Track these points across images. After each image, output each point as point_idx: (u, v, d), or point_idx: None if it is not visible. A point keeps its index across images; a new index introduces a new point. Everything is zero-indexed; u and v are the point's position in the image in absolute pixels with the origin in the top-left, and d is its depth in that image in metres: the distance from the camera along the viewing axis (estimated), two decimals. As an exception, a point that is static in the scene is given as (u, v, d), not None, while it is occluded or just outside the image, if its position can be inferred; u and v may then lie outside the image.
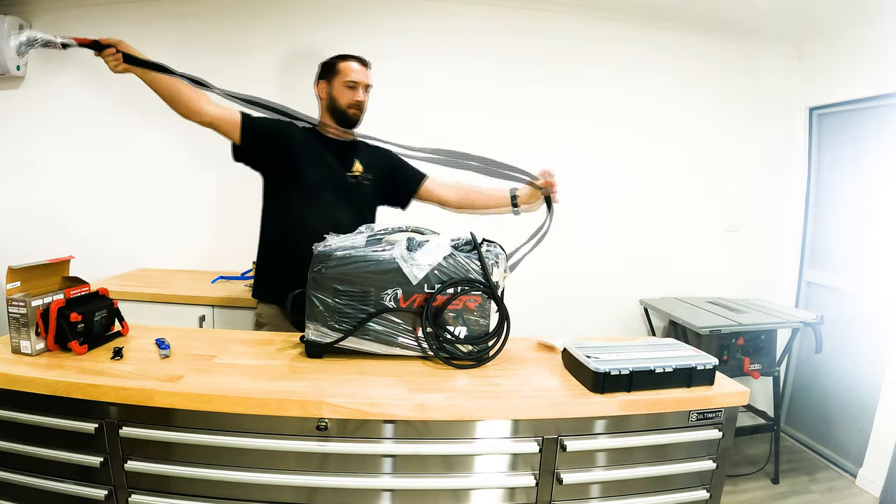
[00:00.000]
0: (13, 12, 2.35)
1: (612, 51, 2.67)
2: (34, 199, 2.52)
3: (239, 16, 2.46)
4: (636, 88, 2.71)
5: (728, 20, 2.62)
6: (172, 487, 1.07)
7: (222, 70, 2.48)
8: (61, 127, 2.48)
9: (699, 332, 2.23)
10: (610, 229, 2.77)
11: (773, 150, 2.88)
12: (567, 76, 2.66)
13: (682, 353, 1.22)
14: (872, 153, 2.56)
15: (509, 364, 1.28)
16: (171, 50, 2.45)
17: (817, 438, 2.77)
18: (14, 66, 2.35)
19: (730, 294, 2.81)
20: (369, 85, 1.74)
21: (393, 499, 1.09)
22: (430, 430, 1.07)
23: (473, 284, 1.23)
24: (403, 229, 1.37)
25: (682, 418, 1.14)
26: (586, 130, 2.70)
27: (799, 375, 2.92)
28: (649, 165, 2.77)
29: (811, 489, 2.41)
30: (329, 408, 1.02)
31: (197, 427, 1.04)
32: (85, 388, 1.05)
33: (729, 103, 2.81)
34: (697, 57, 2.75)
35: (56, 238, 2.50)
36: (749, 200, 2.89)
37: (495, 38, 2.59)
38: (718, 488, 1.19)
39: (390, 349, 1.25)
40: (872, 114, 2.55)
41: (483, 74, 2.58)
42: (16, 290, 1.19)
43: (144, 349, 1.26)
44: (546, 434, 1.09)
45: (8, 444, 1.09)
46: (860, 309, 2.59)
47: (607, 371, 1.10)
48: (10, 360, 1.15)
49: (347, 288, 1.22)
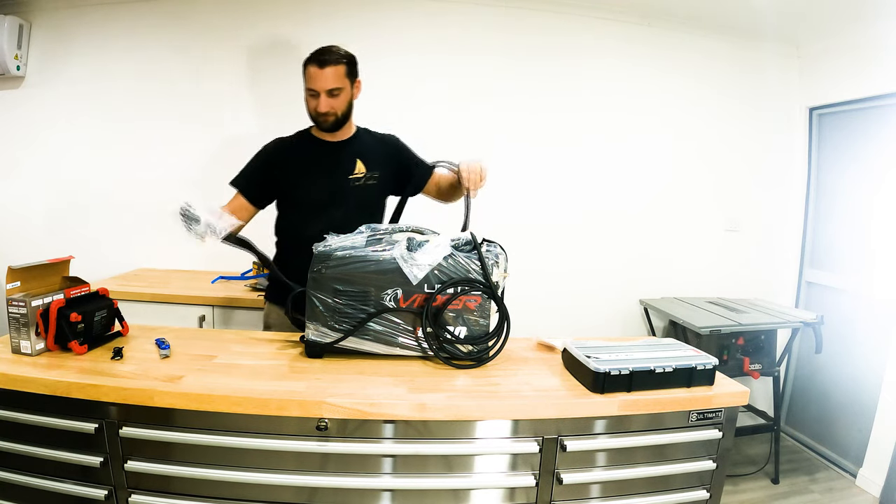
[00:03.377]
0: (13, 12, 2.35)
1: (612, 50, 2.67)
2: (34, 199, 2.52)
3: (239, 16, 2.46)
4: (636, 89, 2.71)
5: (728, 20, 2.62)
6: (172, 487, 1.07)
7: (222, 70, 2.49)
8: (61, 127, 2.48)
9: (699, 332, 2.23)
10: (610, 229, 2.77)
11: (773, 150, 2.88)
12: (566, 77, 2.66)
13: (682, 353, 1.22)
14: (872, 153, 2.56)
15: (509, 364, 1.28)
16: (171, 50, 2.47)
17: (817, 438, 2.77)
18: (14, 66, 2.35)
19: (730, 294, 2.81)
20: (336, 88, 1.54)
21: (393, 499, 1.09)
22: (430, 430, 1.07)
23: (473, 284, 1.23)
24: (403, 229, 1.37)
25: (682, 418, 1.14)
26: (586, 131, 2.70)
27: (799, 375, 2.92)
28: (649, 165, 2.77)
29: (811, 489, 2.41)
30: (329, 408, 1.02)
31: (197, 427, 1.04)
32: (85, 388, 1.05)
33: (729, 103, 2.81)
34: (697, 57, 2.75)
35: (56, 238, 2.50)
36: (749, 200, 2.89)
37: (495, 39, 2.59)
38: (718, 488, 1.19)
39: (390, 349, 1.25)
40: (872, 114, 2.55)
41: (483, 71, 2.58)
42: (16, 290, 1.19)
43: (144, 349, 1.26)
44: (546, 434, 1.09)
45: (8, 444, 1.10)
46: (860, 309, 2.58)
47: (607, 371, 1.10)
48: (10, 360, 1.15)
49: (347, 288, 1.22)
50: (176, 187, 2.53)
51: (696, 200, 2.84)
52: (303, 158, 1.63)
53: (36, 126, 2.48)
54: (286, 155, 1.64)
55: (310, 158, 1.63)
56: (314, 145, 1.65)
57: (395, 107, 2.46)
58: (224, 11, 2.46)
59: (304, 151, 1.64)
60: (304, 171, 1.62)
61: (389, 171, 1.68)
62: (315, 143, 1.65)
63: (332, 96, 1.54)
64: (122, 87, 2.47)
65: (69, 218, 2.52)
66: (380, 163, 1.67)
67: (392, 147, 1.72)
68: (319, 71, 1.52)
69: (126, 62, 2.45)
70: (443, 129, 2.55)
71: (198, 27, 2.46)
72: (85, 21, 2.42)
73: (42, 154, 2.50)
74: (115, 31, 2.44)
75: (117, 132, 2.49)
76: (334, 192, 1.61)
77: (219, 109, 2.50)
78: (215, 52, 2.47)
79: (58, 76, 2.45)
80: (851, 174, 2.68)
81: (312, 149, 1.65)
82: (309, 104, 1.58)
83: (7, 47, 2.29)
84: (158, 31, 2.44)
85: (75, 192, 2.51)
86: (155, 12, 2.43)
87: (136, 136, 2.49)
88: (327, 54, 1.54)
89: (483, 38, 2.57)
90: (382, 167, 1.67)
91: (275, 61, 2.49)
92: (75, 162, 2.50)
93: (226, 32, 2.47)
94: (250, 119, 2.51)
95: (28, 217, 2.52)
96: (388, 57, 2.50)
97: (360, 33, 2.50)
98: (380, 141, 1.70)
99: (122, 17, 2.43)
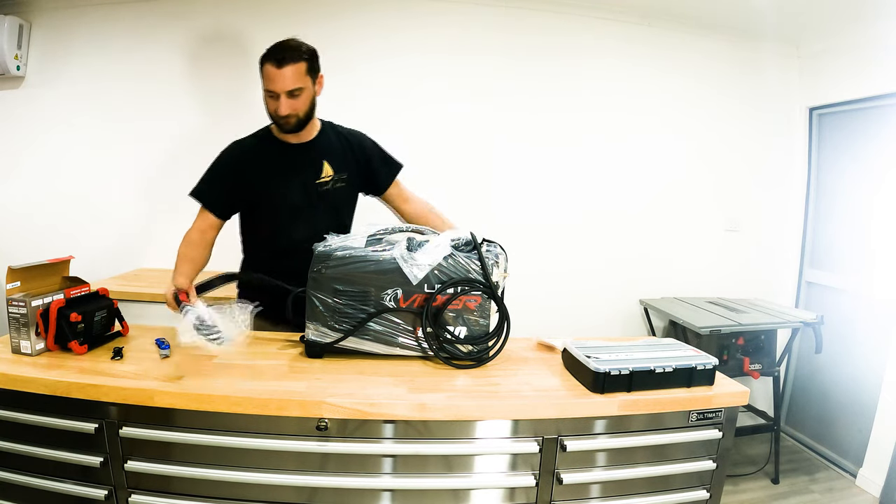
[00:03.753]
0: (13, 12, 2.35)
1: (612, 50, 2.67)
2: (34, 199, 2.52)
3: (238, 16, 2.46)
4: (636, 89, 2.71)
5: (728, 20, 2.62)
6: (172, 487, 1.07)
7: (222, 69, 2.49)
8: (61, 127, 2.48)
9: (699, 332, 2.23)
10: (610, 229, 2.77)
11: (773, 150, 2.88)
12: (566, 77, 2.66)
13: (682, 353, 1.22)
14: (872, 153, 2.56)
15: (509, 364, 1.28)
16: (171, 50, 2.46)
17: (817, 438, 2.77)
18: (14, 66, 2.35)
19: (730, 294, 2.81)
20: (297, 88, 1.43)
21: (393, 499, 1.09)
22: (430, 430, 1.07)
23: (473, 284, 1.23)
24: (403, 229, 1.37)
25: (682, 418, 1.14)
26: (585, 131, 2.70)
27: (799, 375, 2.92)
28: (649, 165, 2.77)
29: (811, 489, 2.41)
30: (329, 408, 1.02)
31: (197, 427, 1.04)
32: (85, 388, 1.05)
33: (729, 103, 2.81)
34: (697, 57, 2.75)
35: (56, 238, 2.50)
36: (749, 200, 2.89)
37: (494, 38, 2.58)
38: (718, 488, 1.19)
39: (390, 349, 1.25)
40: (872, 114, 2.55)
41: (483, 71, 2.58)
42: (16, 290, 1.19)
43: (144, 349, 1.26)
44: (546, 434, 1.09)
45: (8, 444, 1.10)
46: (860, 309, 2.58)
47: (607, 371, 1.10)
48: (10, 360, 1.15)
49: (347, 288, 1.22)
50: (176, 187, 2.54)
51: (696, 200, 2.84)
52: (266, 163, 1.53)
53: (36, 126, 2.48)
54: (249, 159, 1.54)
55: (274, 163, 1.53)
56: (277, 148, 1.55)
57: (394, 106, 2.46)
58: (224, 11, 2.46)
59: (267, 155, 1.54)
60: (269, 177, 1.52)
61: (356, 171, 1.60)
62: (278, 146, 1.55)
63: (292, 97, 1.44)
64: (121, 87, 2.47)
65: (69, 218, 2.52)
66: (346, 163, 1.58)
67: (357, 144, 1.62)
68: (277, 71, 1.41)
69: (126, 62, 2.45)
70: (442, 130, 2.56)
71: (198, 27, 2.46)
72: (85, 21, 2.42)
73: (42, 154, 2.50)
74: (115, 31, 2.44)
75: (117, 132, 2.49)
76: (303, 197, 1.53)
77: (219, 109, 2.49)
78: (215, 52, 2.47)
79: (58, 76, 2.45)
80: (851, 174, 2.68)
81: (276, 152, 1.54)
82: (268, 105, 1.47)
83: (7, 47, 2.29)
84: (158, 31, 2.44)
85: (75, 191, 2.51)
86: (155, 12, 2.43)
87: (136, 136, 2.49)
88: (285, 51, 1.42)
89: (483, 38, 2.57)
90: (350, 168, 1.59)
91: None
92: (75, 162, 2.50)
93: (226, 32, 2.47)
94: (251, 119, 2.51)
95: (28, 217, 2.52)
96: (388, 57, 2.50)
97: (360, 34, 2.50)
98: (345, 138, 1.61)
99: (122, 17, 2.43)
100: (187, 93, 2.48)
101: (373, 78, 2.51)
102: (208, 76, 2.49)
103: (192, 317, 1.26)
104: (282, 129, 1.51)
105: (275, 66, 1.41)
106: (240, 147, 1.57)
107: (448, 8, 2.53)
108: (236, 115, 2.49)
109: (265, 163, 1.54)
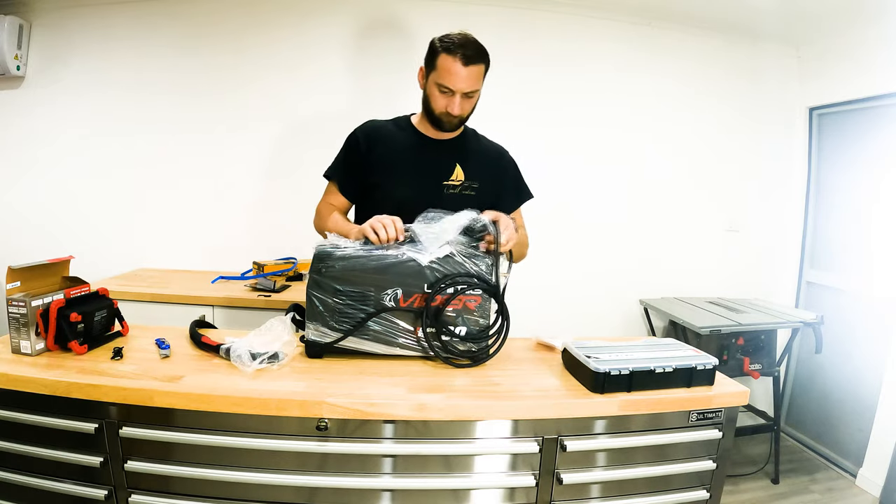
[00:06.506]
0: (13, 12, 2.35)
1: (611, 51, 2.67)
2: (34, 199, 2.52)
3: (238, 15, 2.46)
4: (636, 89, 2.71)
5: (728, 20, 2.62)
6: (172, 487, 1.07)
7: (222, 69, 2.49)
8: (61, 127, 2.49)
9: (699, 332, 2.23)
10: (610, 229, 2.77)
11: (772, 150, 2.88)
12: (566, 77, 2.66)
13: (682, 353, 1.22)
14: (872, 153, 2.56)
15: (509, 364, 1.28)
16: (171, 50, 2.47)
17: (817, 438, 2.77)
18: (14, 66, 2.35)
19: (730, 294, 2.81)
20: (474, 90, 1.35)
21: (393, 499, 1.09)
22: (430, 430, 1.07)
23: (474, 284, 1.23)
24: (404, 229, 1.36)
25: (682, 418, 1.14)
26: (586, 131, 2.70)
27: (799, 375, 2.92)
28: (649, 166, 2.77)
29: (811, 489, 2.41)
30: (329, 408, 1.02)
31: (197, 427, 1.04)
32: (85, 388, 1.04)
33: (729, 103, 2.81)
34: (697, 57, 2.75)
35: (56, 238, 2.50)
36: (749, 200, 2.89)
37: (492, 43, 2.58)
38: (718, 488, 1.19)
39: (390, 349, 1.25)
40: (872, 114, 2.55)
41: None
42: (16, 290, 1.19)
43: (144, 349, 1.26)
44: (546, 434, 1.09)
45: (8, 444, 1.09)
46: (860, 309, 2.58)
47: (607, 371, 1.09)
48: (10, 360, 1.15)
49: (347, 288, 1.22)
50: (176, 187, 2.55)
51: (696, 201, 2.84)
52: (397, 150, 1.44)
53: (36, 126, 2.49)
54: (380, 140, 1.44)
55: (404, 151, 1.44)
56: (413, 137, 1.45)
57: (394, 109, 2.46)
58: (225, 11, 2.46)
59: (400, 142, 1.44)
60: (394, 165, 1.43)
61: (490, 185, 1.48)
62: (414, 135, 1.46)
63: (467, 97, 1.36)
64: (122, 86, 2.47)
65: (69, 218, 2.52)
66: (482, 172, 1.47)
67: (497, 158, 1.52)
68: (463, 68, 1.31)
69: (126, 62, 2.45)
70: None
71: (198, 27, 2.46)
72: (85, 21, 2.42)
73: (42, 154, 2.50)
74: (116, 31, 2.44)
75: (117, 132, 2.49)
76: (424, 195, 1.39)
77: (219, 110, 2.50)
78: (216, 51, 2.47)
79: (58, 76, 2.45)
80: (851, 174, 2.68)
81: (410, 141, 1.45)
82: (437, 101, 1.36)
83: (7, 47, 2.29)
84: (158, 32, 2.44)
85: (75, 191, 2.51)
86: (155, 12, 2.43)
87: (136, 136, 2.49)
88: (472, 49, 1.32)
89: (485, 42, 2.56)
90: (483, 178, 1.47)
91: (276, 61, 2.49)
92: (75, 162, 2.50)
93: (226, 32, 2.47)
94: (251, 119, 2.52)
95: (28, 217, 2.52)
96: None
97: (361, 33, 2.50)
98: (486, 148, 1.52)
99: (122, 17, 2.43)
100: (188, 93, 2.48)
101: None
102: (208, 76, 2.49)
103: (240, 352, 1.15)
104: (441, 126, 1.42)
105: (462, 63, 1.32)
106: (373, 123, 1.50)
107: (449, 9, 2.53)
108: (236, 115, 2.51)
109: (393, 148, 1.45)
